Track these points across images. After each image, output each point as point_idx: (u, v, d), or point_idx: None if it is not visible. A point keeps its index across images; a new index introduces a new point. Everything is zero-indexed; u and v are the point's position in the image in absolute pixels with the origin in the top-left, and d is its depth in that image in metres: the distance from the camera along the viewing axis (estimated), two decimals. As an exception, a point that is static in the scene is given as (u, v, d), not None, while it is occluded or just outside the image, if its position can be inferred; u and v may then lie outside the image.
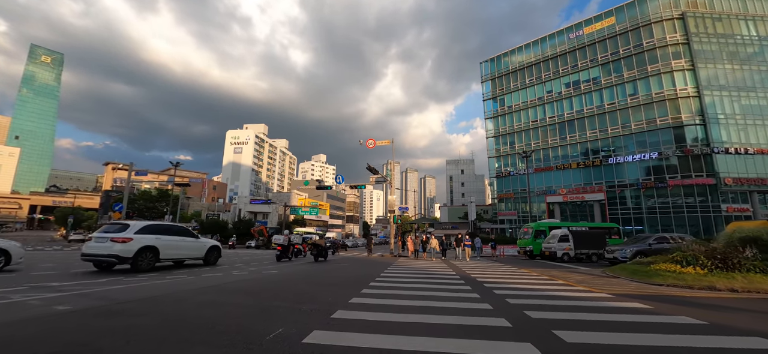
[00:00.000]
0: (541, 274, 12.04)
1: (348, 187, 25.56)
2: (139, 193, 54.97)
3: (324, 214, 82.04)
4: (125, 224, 10.11)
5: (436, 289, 7.92)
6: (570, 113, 48.10)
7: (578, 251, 18.85)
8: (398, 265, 15.04)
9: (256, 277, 9.98)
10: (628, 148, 42.83)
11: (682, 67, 40.35)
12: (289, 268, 13.05)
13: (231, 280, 8.79)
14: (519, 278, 10.49)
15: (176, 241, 11.35)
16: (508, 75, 55.70)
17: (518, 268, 14.65)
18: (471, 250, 20.50)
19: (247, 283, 8.62)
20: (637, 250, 15.49)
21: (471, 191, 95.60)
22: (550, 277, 10.84)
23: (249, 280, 9.20)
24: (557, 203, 47.12)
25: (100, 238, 9.60)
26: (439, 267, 14.20)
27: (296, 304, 5.89)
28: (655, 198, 40.32)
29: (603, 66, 45.78)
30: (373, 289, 7.83)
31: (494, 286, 8.56)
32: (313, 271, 12.03)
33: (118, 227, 10.03)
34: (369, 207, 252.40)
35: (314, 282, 9.02)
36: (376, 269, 12.97)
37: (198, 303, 5.74)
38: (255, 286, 8.14)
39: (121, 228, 9.96)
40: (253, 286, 8.15)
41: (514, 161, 53.50)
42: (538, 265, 16.28)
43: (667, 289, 8.50)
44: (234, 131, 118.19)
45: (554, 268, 14.61)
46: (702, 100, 39.05)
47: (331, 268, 13.61)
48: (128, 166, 30.66)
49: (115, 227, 10.05)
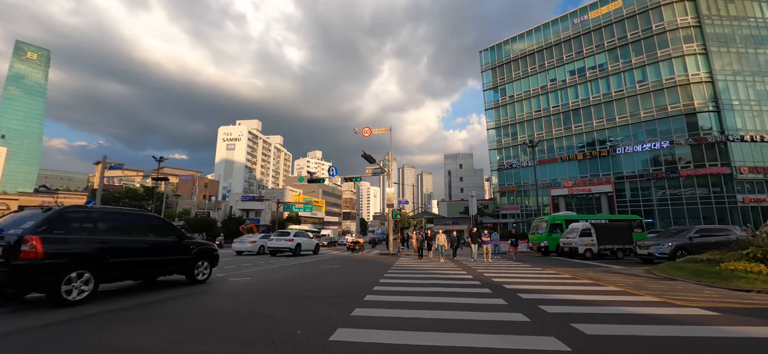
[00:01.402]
0: (577, 275, 9.81)
1: (342, 179, 23.18)
2: (124, 191, 52.20)
3: (319, 211, 79.61)
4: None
5: (458, 306, 5.63)
6: (575, 102, 45.97)
7: (602, 247, 16.70)
8: (399, 267, 12.75)
9: (216, 288, 7.64)
10: (636, 138, 40.80)
11: (694, 52, 38.30)
12: (263, 274, 10.72)
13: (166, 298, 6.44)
14: (561, 285, 8.24)
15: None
16: (509, 64, 53.43)
17: (545, 268, 12.43)
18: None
19: (188, 298, 6.28)
20: (677, 245, 13.34)
21: (470, 186, 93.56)
22: (595, 281, 8.61)
23: (190, 294, 6.87)
24: (562, 196, 45.23)
25: None
26: (451, 269, 11.75)
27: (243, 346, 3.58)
28: (666, 189, 38.39)
29: (609, 52, 43.64)
30: (371, 306, 5.53)
31: (540, 300, 6.27)
32: (290, 278, 9.69)
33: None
34: (366, 203, 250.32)
35: (285, 295, 6.70)
36: (371, 273, 10.68)
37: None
38: (196, 308, 5.82)
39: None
40: (195, 307, 5.82)
41: (516, 153, 51.39)
42: (565, 264, 14.08)
43: (761, 298, 6.33)
44: (226, 127, 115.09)
45: (587, 268, 12.42)
46: (715, 85, 37.07)
47: (315, 272, 11.29)
48: (105, 162, 28.05)
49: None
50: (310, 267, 12.89)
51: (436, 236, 15.97)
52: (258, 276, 9.91)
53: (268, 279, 9.29)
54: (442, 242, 15.64)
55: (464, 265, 13.58)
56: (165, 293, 6.69)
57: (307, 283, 8.43)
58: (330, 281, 8.71)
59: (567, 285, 8.06)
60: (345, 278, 9.38)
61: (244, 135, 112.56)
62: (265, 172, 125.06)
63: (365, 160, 19.38)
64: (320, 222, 76.52)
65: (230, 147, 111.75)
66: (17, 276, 4.97)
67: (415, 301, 6.01)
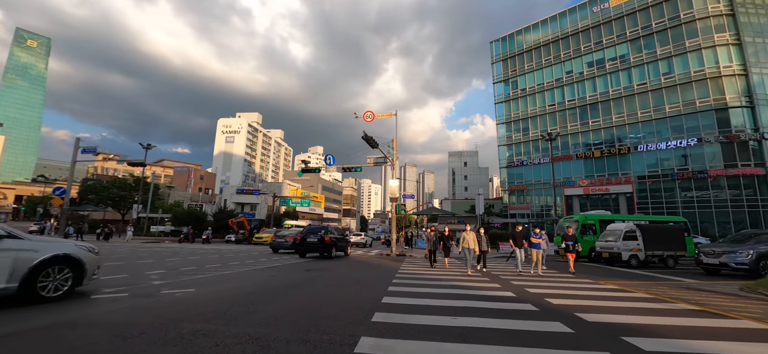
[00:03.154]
0: (664, 296, 6.94)
1: (340, 169, 20.21)
2: (112, 181, 49.62)
3: (318, 207, 76.90)
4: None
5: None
6: (593, 95, 42.89)
7: (649, 253, 13.82)
8: (407, 277, 9.91)
9: (127, 306, 4.84)
10: (661, 134, 37.73)
11: (727, 42, 35.17)
12: (217, 283, 7.93)
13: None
14: (671, 315, 5.39)
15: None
16: (521, 55, 50.37)
17: (619, 281, 9.59)
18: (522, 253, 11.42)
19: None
20: (760, 254, 10.47)
21: (475, 185, 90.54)
22: (720, 311, 5.74)
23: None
24: (576, 196, 42.26)
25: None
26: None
27: None
28: (692, 190, 35.35)
29: (632, 42, 40.52)
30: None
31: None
32: (252, 292, 6.87)
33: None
34: (367, 201, 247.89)
35: (215, 338, 3.88)
36: (369, 287, 7.87)
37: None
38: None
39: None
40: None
41: (527, 150, 48.39)
42: (620, 275, 11.22)
43: None
44: (226, 120, 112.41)
45: (652, 281, 9.55)
46: (749, 78, 33.96)
47: (296, 281, 8.49)
48: (78, 144, 25.33)
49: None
50: (292, 272, 10.08)
51: (463, 236, 10.94)
52: (207, 286, 7.10)
53: (213, 293, 6.47)
54: (469, 244, 10.69)
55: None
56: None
57: (272, 302, 5.60)
58: (306, 301, 5.88)
59: (689, 317, 5.19)
60: (332, 293, 6.56)
61: (243, 128, 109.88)
62: (265, 166, 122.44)
63: (366, 143, 16.50)
64: (319, 218, 73.81)
65: (229, 140, 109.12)
66: None
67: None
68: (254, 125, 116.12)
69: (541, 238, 11.32)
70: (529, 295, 6.84)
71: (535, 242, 11.21)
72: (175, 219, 39.65)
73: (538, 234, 11.42)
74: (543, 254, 11.39)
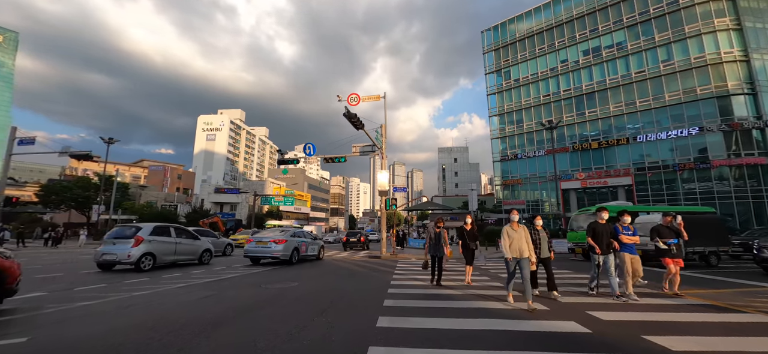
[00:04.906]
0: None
1: (321, 159, 17.24)
2: (75, 180, 45.33)
3: (304, 206, 73.61)
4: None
5: None
6: (589, 85, 41.15)
7: (690, 249, 11.58)
8: (406, 295, 7.27)
9: None
10: (660, 124, 36.18)
11: (727, 27, 33.78)
12: (84, 322, 5.05)
13: None
14: None
15: None
16: (514, 44, 48.37)
17: (702, 290, 7.13)
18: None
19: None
20: None
21: (465, 181, 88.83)
22: None
23: None
24: (573, 189, 40.64)
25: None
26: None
27: None
28: (694, 181, 33.88)
29: (629, 28, 38.88)
30: None
31: None
32: (133, 340, 4.05)
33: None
34: (356, 200, 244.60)
35: None
36: (339, 319, 5.19)
37: None
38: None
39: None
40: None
41: (521, 142, 46.43)
42: (699, 282, 8.82)
43: None
44: (207, 116, 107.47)
45: (744, 288, 7.18)
46: (751, 64, 32.63)
47: (213, 316, 5.72)
48: (14, 133, 21.71)
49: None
50: (237, 291, 7.27)
51: (504, 232, 5.94)
52: (72, 325, 4.26)
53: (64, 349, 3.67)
54: (521, 248, 5.73)
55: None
56: None
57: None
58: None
59: None
60: (277, 338, 3.83)
61: (225, 125, 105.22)
62: (249, 164, 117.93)
63: (349, 122, 13.69)
64: (305, 217, 70.55)
65: (210, 137, 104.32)
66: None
67: None
68: (237, 122, 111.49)
69: (634, 237, 6.78)
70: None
71: (627, 242, 6.63)
72: (142, 221, 35.96)
73: (629, 229, 6.80)
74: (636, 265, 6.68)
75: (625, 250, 6.61)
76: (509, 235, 5.90)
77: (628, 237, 6.69)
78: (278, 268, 11.41)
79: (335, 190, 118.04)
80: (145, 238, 10.29)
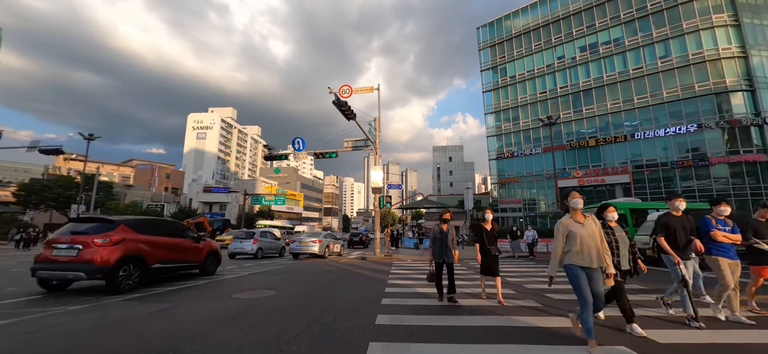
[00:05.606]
0: None
1: (311, 155, 15.98)
2: (56, 179, 43.43)
3: (297, 206, 72.20)
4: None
5: None
6: (586, 81, 40.59)
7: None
8: (406, 317, 6.18)
9: None
10: (658, 121, 35.74)
11: (725, 23, 33.43)
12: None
13: None
14: None
15: None
16: (510, 40, 47.67)
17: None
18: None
19: None
20: None
21: (460, 180, 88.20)
22: None
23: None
24: (570, 187, 39.87)
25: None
26: None
27: None
28: (692, 179, 33.48)
29: (627, 24, 38.39)
30: None
31: None
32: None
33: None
34: (350, 199, 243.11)
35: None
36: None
37: None
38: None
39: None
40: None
41: (517, 140, 45.74)
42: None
43: None
44: (197, 115, 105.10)
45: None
46: (749, 61, 32.30)
47: (136, 347, 4.58)
48: None
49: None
50: (194, 306, 6.16)
51: (576, 235, 3.65)
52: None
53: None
54: (590, 251, 3.59)
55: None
56: None
57: None
58: None
59: None
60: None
61: (216, 123, 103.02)
62: (241, 164, 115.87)
63: (340, 112, 12.60)
64: (297, 217, 69.17)
65: (201, 136, 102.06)
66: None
67: None
68: (229, 121, 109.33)
69: (737, 233, 4.94)
70: None
71: (723, 242, 4.76)
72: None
73: (723, 222, 4.94)
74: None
75: (719, 253, 4.70)
76: (574, 232, 3.66)
77: (725, 234, 4.77)
78: (251, 276, 10.26)
79: (329, 189, 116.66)
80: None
